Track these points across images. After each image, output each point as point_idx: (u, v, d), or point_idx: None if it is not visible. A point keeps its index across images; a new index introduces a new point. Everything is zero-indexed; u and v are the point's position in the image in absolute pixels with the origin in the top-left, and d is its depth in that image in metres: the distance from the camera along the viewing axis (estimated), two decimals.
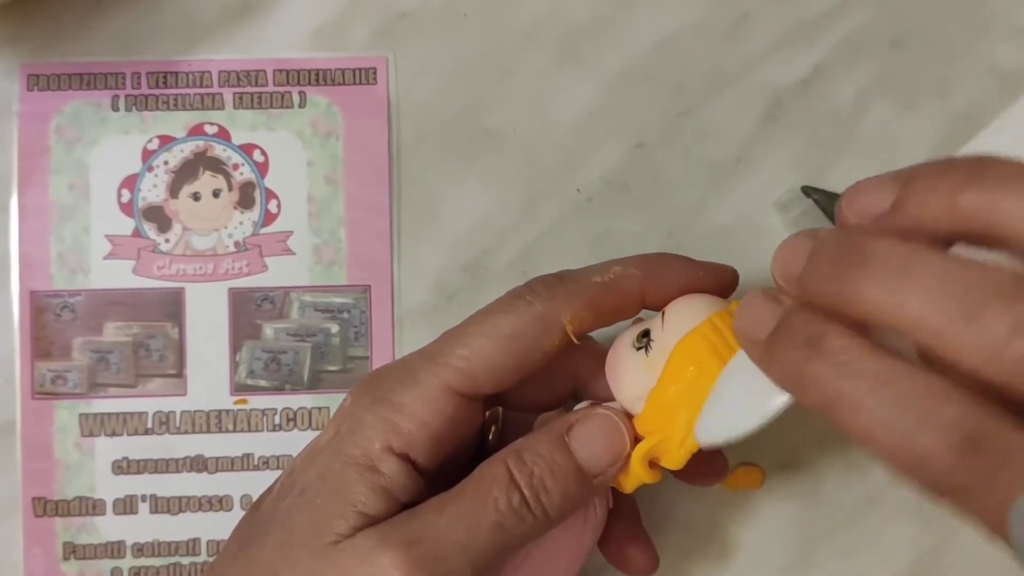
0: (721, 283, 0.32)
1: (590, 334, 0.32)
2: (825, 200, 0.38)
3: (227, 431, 0.38)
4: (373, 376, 0.31)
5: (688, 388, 0.29)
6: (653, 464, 0.30)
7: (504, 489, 0.29)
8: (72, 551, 0.37)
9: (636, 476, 0.30)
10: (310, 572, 0.28)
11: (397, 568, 0.27)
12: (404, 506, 0.29)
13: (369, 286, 0.38)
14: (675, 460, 0.29)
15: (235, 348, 0.38)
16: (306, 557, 0.28)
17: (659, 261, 0.32)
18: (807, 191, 0.38)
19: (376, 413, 0.30)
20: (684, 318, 0.30)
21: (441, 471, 0.31)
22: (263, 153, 0.39)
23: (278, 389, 0.38)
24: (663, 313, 0.31)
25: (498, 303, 0.31)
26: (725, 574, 0.38)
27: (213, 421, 0.38)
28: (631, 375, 0.30)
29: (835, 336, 0.23)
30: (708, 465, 0.34)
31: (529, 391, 0.33)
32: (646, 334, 0.30)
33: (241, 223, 0.38)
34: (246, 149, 0.39)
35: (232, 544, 0.31)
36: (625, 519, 0.34)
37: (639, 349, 0.30)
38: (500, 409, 0.34)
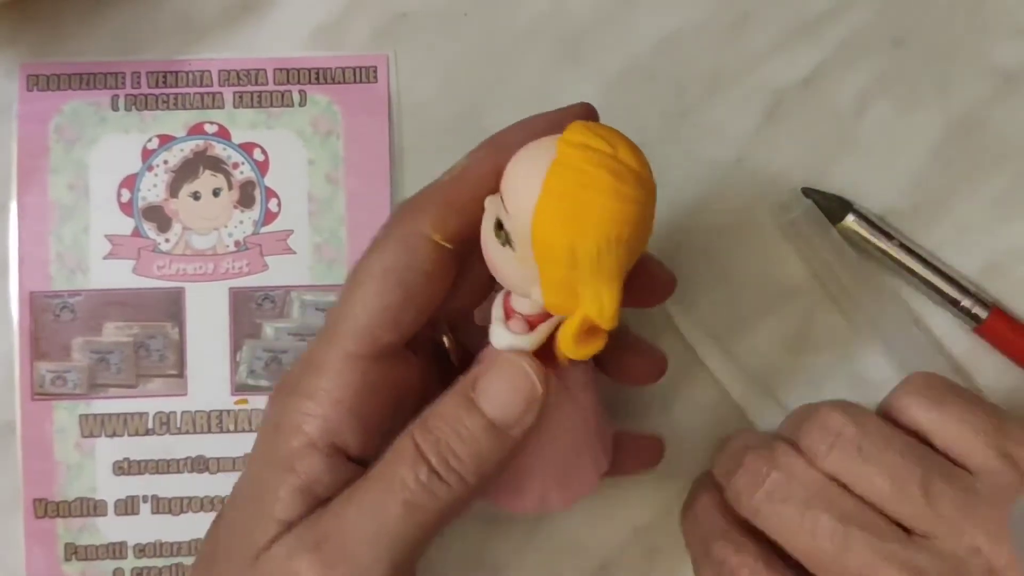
0: (566, 118, 0.29)
1: None
2: (824, 201, 0.38)
3: (228, 431, 0.38)
4: (284, 375, 0.30)
5: (571, 266, 0.26)
6: (591, 331, 0.27)
7: (411, 464, 0.27)
8: (74, 552, 0.37)
9: (577, 353, 0.27)
10: None
11: (311, 572, 0.26)
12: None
13: None
14: (607, 319, 0.26)
15: (235, 348, 0.38)
16: (234, 574, 0.28)
17: (505, 132, 0.30)
18: (807, 192, 0.38)
19: (288, 409, 0.28)
20: (521, 190, 0.26)
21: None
22: (263, 152, 0.39)
23: None
24: (501, 194, 0.27)
25: (367, 248, 0.29)
26: None
27: (214, 421, 0.38)
28: (512, 275, 0.28)
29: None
30: (646, 360, 0.34)
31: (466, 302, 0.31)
32: (500, 226, 0.27)
33: (241, 222, 0.38)
34: (246, 148, 0.39)
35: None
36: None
37: (504, 246, 0.27)
38: (444, 328, 0.32)
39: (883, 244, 0.38)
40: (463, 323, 0.33)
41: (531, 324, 0.29)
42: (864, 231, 0.38)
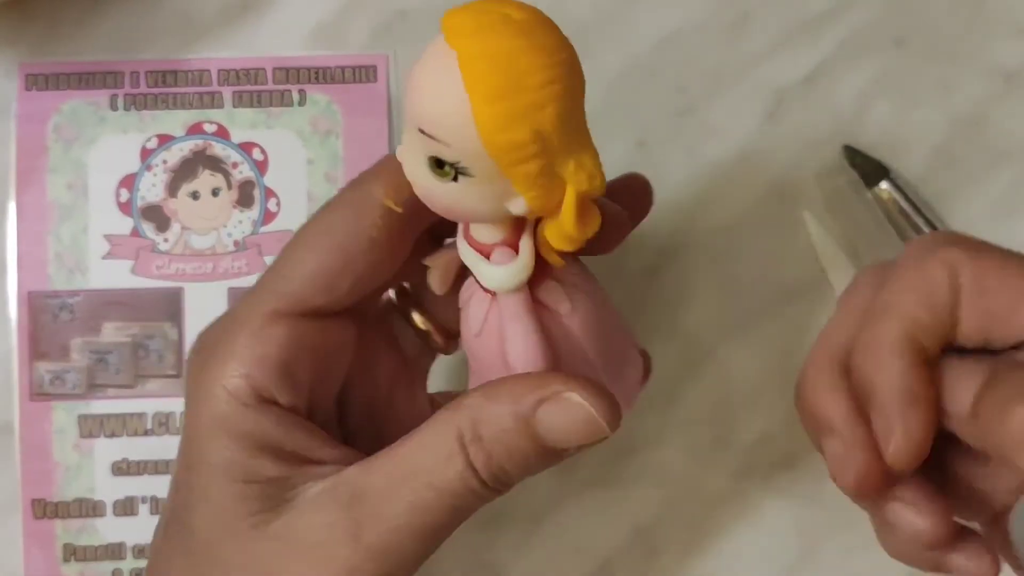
0: None
1: None
2: (867, 168, 0.38)
3: None
4: (202, 334, 0.28)
5: (542, 151, 0.23)
6: (584, 208, 0.24)
7: (459, 472, 0.25)
8: (72, 553, 0.37)
9: (583, 234, 0.24)
10: (248, 561, 0.26)
11: (342, 533, 0.25)
12: (295, 451, 0.27)
13: None
14: (598, 183, 0.24)
15: None
16: (233, 551, 0.26)
17: None
18: (851, 154, 0.38)
19: (208, 373, 0.27)
20: (448, 109, 0.22)
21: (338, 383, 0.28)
22: (262, 151, 0.39)
23: None
24: (422, 130, 0.23)
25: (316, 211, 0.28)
26: (725, 574, 0.38)
27: None
28: (475, 205, 0.24)
29: None
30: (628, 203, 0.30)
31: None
32: (439, 163, 0.23)
33: (240, 222, 0.38)
34: (245, 147, 0.39)
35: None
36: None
37: (453, 180, 0.23)
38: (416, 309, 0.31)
39: (912, 214, 0.38)
40: (431, 301, 0.31)
41: (511, 247, 0.25)
42: (897, 198, 0.38)
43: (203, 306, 0.38)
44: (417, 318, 0.31)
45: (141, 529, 0.37)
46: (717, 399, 0.39)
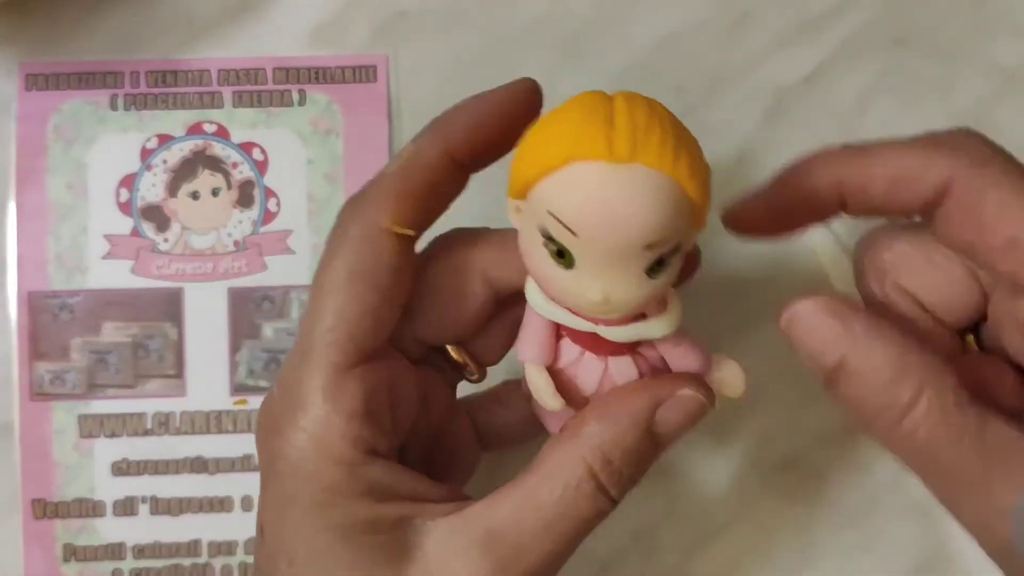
0: (519, 101, 0.29)
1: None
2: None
3: (227, 432, 0.38)
4: (264, 414, 0.28)
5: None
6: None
7: (591, 496, 0.26)
8: (72, 553, 0.37)
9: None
10: None
11: (491, 574, 0.26)
12: (407, 494, 0.27)
13: None
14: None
15: (235, 348, 0.38)
16: None
17: (448, 115, 0.28)
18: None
19: (297, 442, 0.27)
20: (584, 207, 0.23)
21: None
22: (262, 151, 0.39)
23: None
24: (548, 210, 0.24)
25: (322, 255, 0.28)
26: (725, 574, 0.38)
27: (213, 422, 0.38)
28: (576, 292, 0.25)
29: None
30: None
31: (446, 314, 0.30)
32: (560, 253, 0.24)
33: (240, 222, 0.38)
34: (245, 147, 0.39)
35: None
36: None
37: (568, 268, 0.24)
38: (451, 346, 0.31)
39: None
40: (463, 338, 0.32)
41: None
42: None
43: (203, 306, 0.38)
44: (452, 350, 0.32)
45: (141, 529, 0.37)
46: (717, 399, 0.39)
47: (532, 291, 0.27)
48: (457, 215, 0.39)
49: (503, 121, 0.28)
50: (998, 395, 0.28)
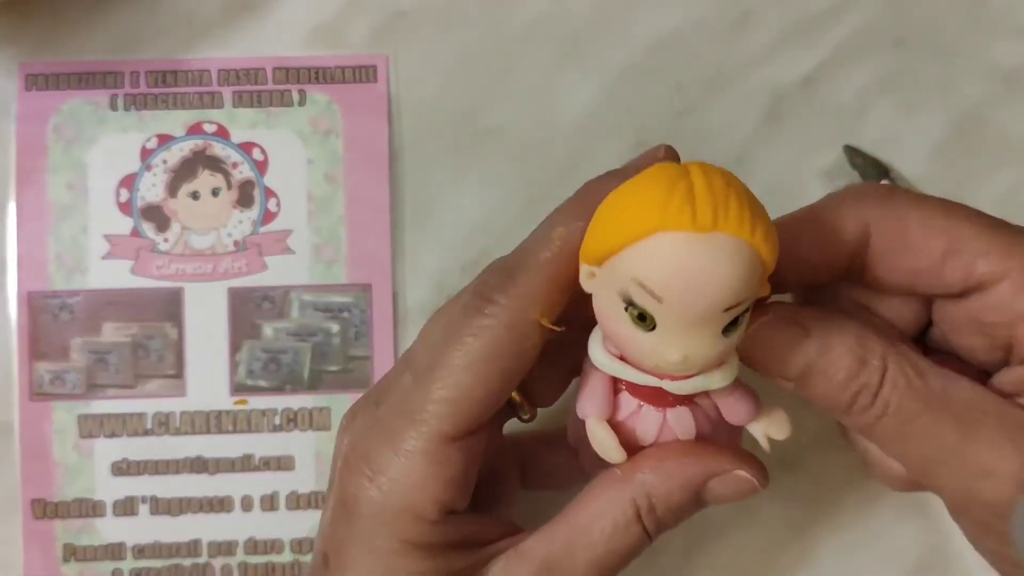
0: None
1: None
2: (867, 169, 0.38)
3: (227, 432, 0.38)
4: (353, 449, 0.29)
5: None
6: None
7: (635, 537, 0.28)
8: (72, 553, 0.37)
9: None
10: None
11: None
12: (473, 540, 0.29)
13: (370, 285, 0.38)
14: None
15: (234, 348, 0.38)
16: None
17: (593, 195, 0.27)
18: (851, 154, 0.38)
19: (393, 499, 0.28)
20: (675, 280, 0.24)
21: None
22: (262, 151, 0.39)
23: (278, 389, 0.38)
24: (632, 276, 0.25)
25: (456, 324, 0.28)
26: (725, 574, 0.38)
27: (213, 422, 0.38)
28: (653, 352, 0.26)
29: None
30: None
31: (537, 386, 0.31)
32: (642, 317, 0.25)
33: (240, 222, 0.38)
34: (245, 147, 0.39)
35: None
36: None
37: (648, 331, 0.25)
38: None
39: None
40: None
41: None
42: None
43: (203, 306, 0.38)
44: (516, 396, 0.32)
45: (141, 529, 0.37)
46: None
47: (596, 349, 0.27)
48: (467, 220, 0.39)
49: None
50: None
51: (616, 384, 0.28)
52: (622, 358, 0.27)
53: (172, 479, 0.38)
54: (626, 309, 0.25)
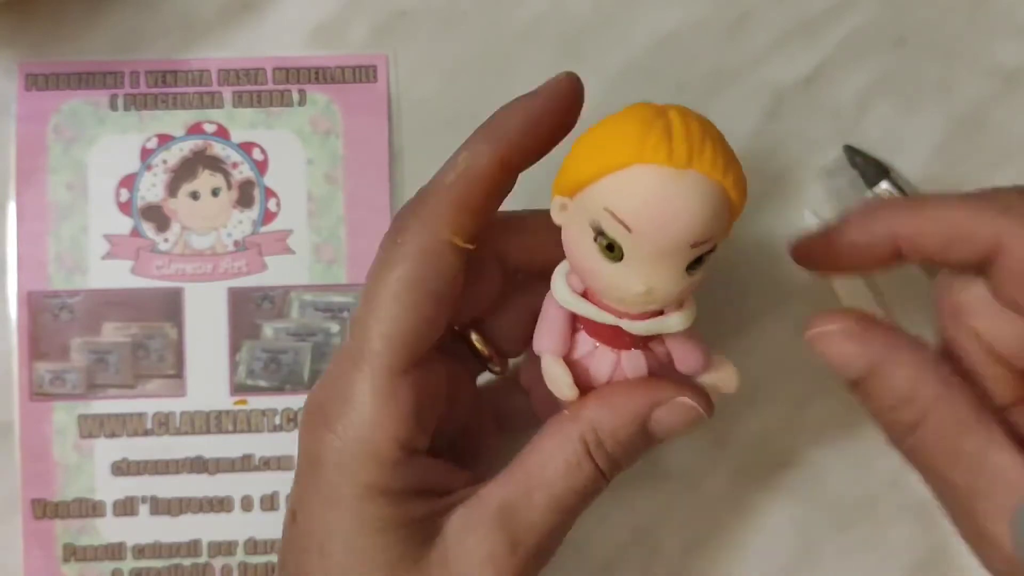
0: (563, 98, 0.29)
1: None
2: (867, 169, 0.38)
3: (227, 432, 0.38)
4: (312, 402, 0.29)
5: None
6: None
7: (588, 474, 0.29)
8: (72, 553, 0.37)
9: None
10: None
11: (506, 548, 0.28)
12: (436, 487, 0.29)
13: None
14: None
15: (234, 348, 0.38)
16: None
17: (498, 120, 0.29)
18: (851, 154, 0.38)
19: (349, 438, 0.28)
20: (644, 208, 0.25)
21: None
22: (262, 151, 0.39)
23: (278, 389, 0.38)
24: (604, 208, 0.25)
25: (378, 261, 0.29)
26: (725, 574, 0.38)
27: (213, 422, 0.38)
28: (621, 284, 0.26)
29: None
30: None
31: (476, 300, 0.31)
32: (610, 246, 0.26)
33: (240, 222, 0.38)
34: (245, 147, 0.39)
35: None
36: None
37: (616, 261, 0.26)
38: (470, 331, 0.33)
39: None
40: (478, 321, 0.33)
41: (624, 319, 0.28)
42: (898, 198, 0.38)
43: (203, 306, 0.38)
44: (477, 341, 0.33)
45: (141, 529, 0.37)
46: (717, 398, 0.39)
47: (560, 285, 0.28)
48: None
49: (553, 118, 0.29)
50: None
51: (574, 324, 0.29)
52: (584, 295, 0.28)
53: (172, 479, 0.38)
54: (595, 239, 0.26)
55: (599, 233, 0.26)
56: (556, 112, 0.29)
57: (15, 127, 0.38)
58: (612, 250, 0.26)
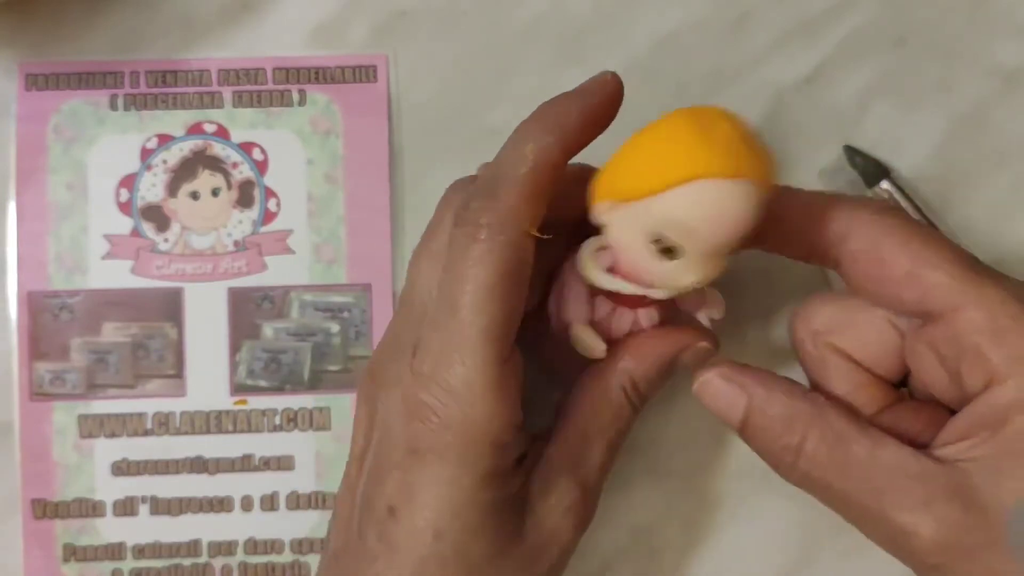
0: (613, 95, 0.31)
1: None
2: (867, 169, 0.38)
3: (227, 432, 0.38)
4: (414, 405, 0.30)
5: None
6: None
7: (628, 412, 0.32)
8: (72, 553, 0.37)
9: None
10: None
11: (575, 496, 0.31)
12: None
13: (369, 285, 0.38)
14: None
15: (234, 348, 0.38)
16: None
17: (557, 115, 0.30)
18: (851, 154, 0.38)
19: (453, 448, 0.30)
20: (705, 224, 0.27)
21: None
22: (262, 151, 0.39)
23: (278, 389, 0.38)
24: (659, 217, 0.28)
25: (461, 259, 0.29)
26: (725, 574, 0.38)
27: (213, 422, 0.38)
28: (667, 279, 0.29)
29: None
30: None
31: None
32: (668, 250, 0.28)
33: (240, 222, 0.38)
34: (245, 147, 0.39)
35: None
36: None
37: (670, 260, 0.28)
38: None
39: (912, 213, 0.38)
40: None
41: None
42: (898, 198, 0.38)
43: (203, 306, 0.38)
44: None
45: (141, 529, 0.37)
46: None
47: (593, 269, 0.30)
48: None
49: (605, 115, 0.31)
50: (935, 436, 0.30)
51: (593, 290, 0.31)
52: (610, 270, 0.30)
53: (172, 479, 0.38)
54: (652, 243, 0.28)
55: (658, 239, 0.28)
56: (608, 109, 0.31)
57: (15, 127, 0.38)
58: (669, 252, 0.28)
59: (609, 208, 0.29)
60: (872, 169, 0.38)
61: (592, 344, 0.32)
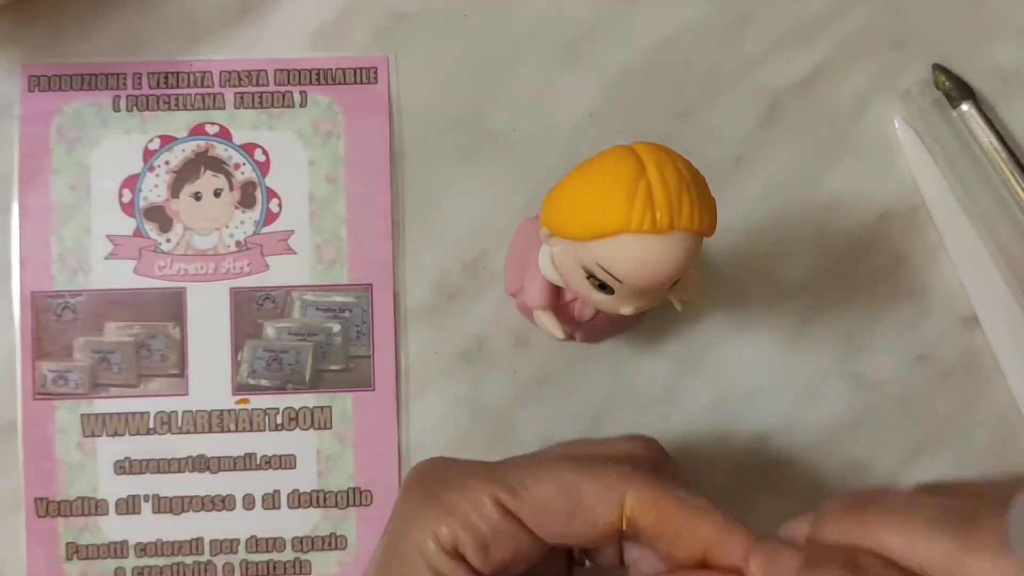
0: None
1: None
2: (951, 90, 0.39)
3: (229, 431, 0.38)
4: (422, 470, 0.31)
5: None
6: None
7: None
8: (75, 551, 0.37)
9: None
10: None
11: None
12: None
13: (371, 285, 0.38)
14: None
15: (236, 348, 0.38)
16: None
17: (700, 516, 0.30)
18: (939, 73, 0.39)
19: (426, 513, 0.29)
20: (627, 264, 0.28)
21: None
22: (264, 152, 0.39)
23: (280, 389, 0.38)
24: (596, 262, 0.29)
25: (576, 456, 0.30)
26: None
27: (215, 421, 0.38)
28: (606, 304, 0.30)
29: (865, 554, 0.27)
30: None
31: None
32: (602, 286, 0.29)
33: (242, 222, 0.38)
34: (247, 148, 0.39)
35: None
36: None
37: (604, 291, 0.30)
38: None
39: (991, 136, 0.39)
40: None
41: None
42: (980, 121, 0.39)
43: (205, 306, 0.38)
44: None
45: (143, 528, 0.38)
46: (716, 398, 0.39)
47: (549, 269, 0.32)
48: (467, 220, 0.39)
49: None
50: None
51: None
52: None
53: (174, 478, 0.38)
54: (588, 278, 0.29)
55: (590, 275, 0.29)
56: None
57: (18, 128, 0.38)
58: (603, 287, 0.29)
59: (552, 235, 0.30)
60: (956, 91, 0.38)
61: (551, 327, 0.34)
